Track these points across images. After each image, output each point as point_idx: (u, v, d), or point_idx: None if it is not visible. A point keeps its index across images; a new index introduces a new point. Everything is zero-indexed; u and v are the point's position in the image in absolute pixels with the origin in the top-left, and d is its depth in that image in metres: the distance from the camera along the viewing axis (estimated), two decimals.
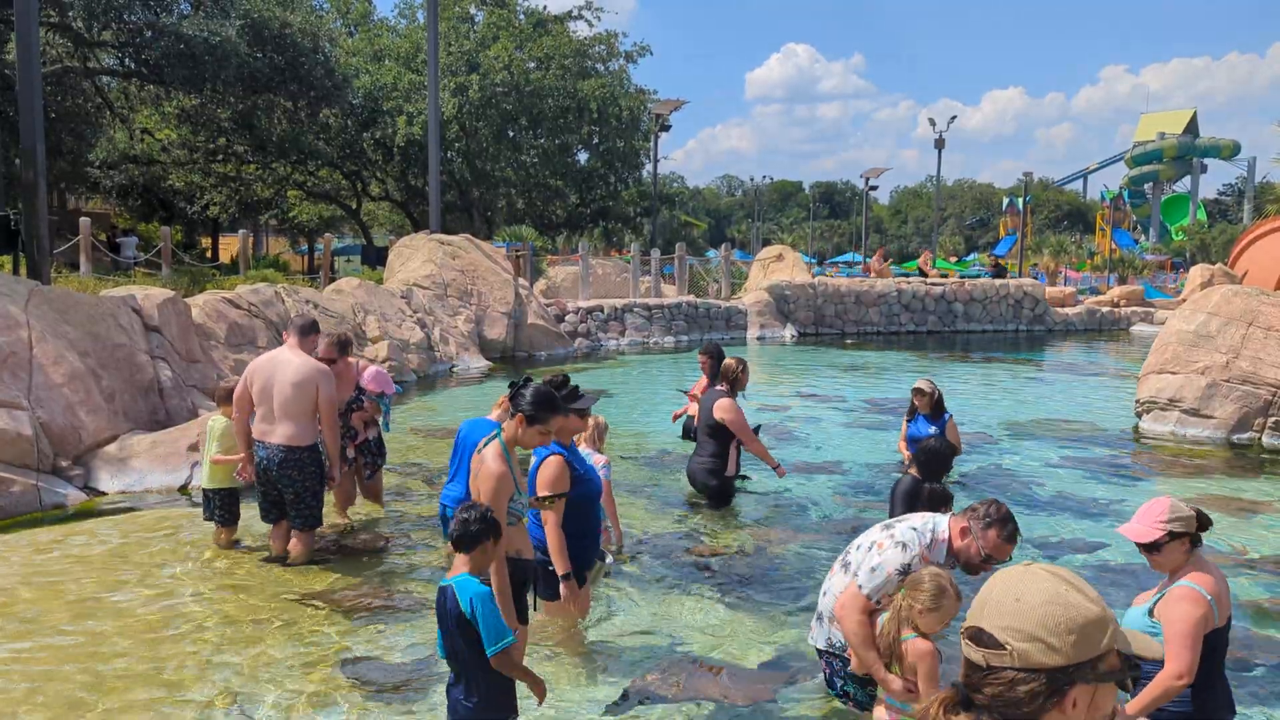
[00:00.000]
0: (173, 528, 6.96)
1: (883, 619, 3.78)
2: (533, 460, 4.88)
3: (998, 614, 1.50)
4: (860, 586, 3.88)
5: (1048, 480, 9.14)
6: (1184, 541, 3.59)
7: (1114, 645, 1.49)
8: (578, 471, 4.83)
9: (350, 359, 7.26)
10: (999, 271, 33.28)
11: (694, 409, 9.28)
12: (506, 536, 4.01)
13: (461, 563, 3.49)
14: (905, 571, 3.82)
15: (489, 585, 3.53)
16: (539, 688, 3.51)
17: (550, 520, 4.62)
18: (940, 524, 3.98)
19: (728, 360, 8.16)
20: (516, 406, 4.15)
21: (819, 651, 4.28)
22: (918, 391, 8.43)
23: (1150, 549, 3.54)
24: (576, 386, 5.23)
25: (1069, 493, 8.66)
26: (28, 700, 4.27)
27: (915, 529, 3.94)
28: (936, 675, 3.60)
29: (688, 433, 9.98)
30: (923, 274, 29.27)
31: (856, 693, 4.09)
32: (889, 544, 3.91)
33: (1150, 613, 3.42)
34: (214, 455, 6.41)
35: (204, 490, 6.58)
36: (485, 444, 4.15)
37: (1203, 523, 3.63)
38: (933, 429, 8.27)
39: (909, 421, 8.61)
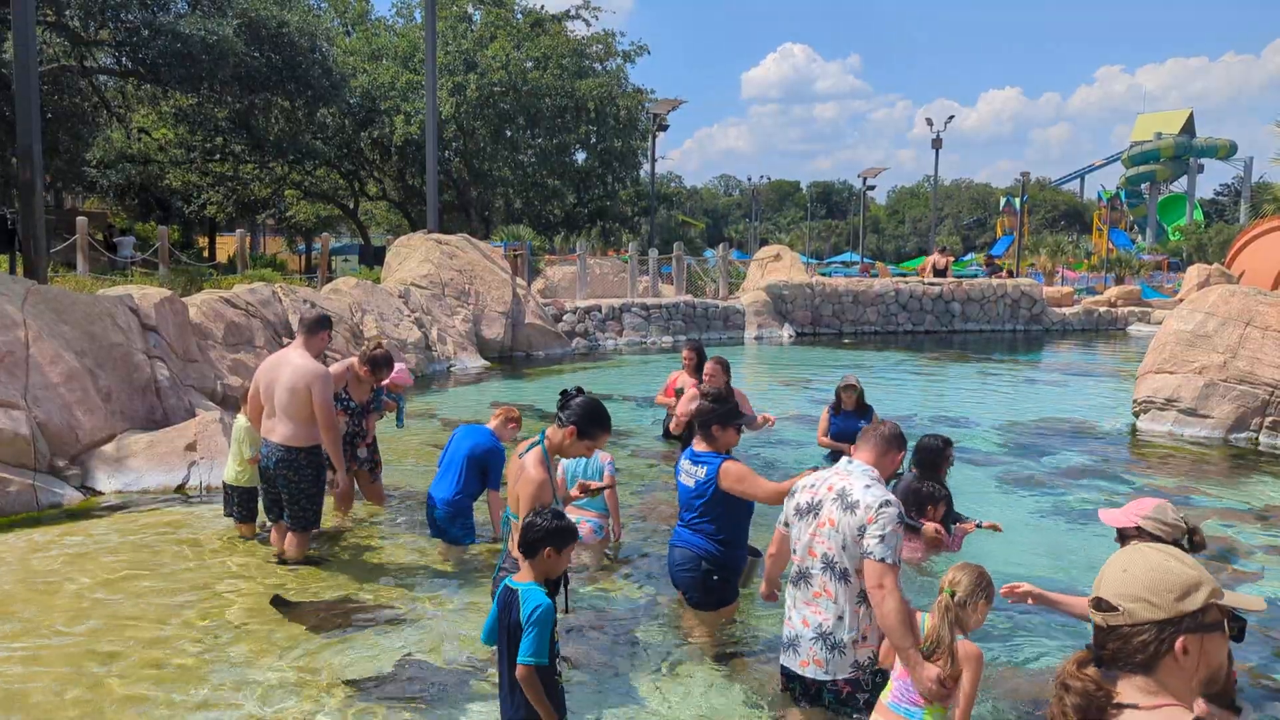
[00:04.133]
0: (169, 527, 6.95)
1: (923, 621, 3.65)
2: (702, 470, 4.97)
3: (1110, 584, 1.86)
4: (884, 559, 3.63)
5: (1044, 480, 9.15)
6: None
7: (1212, 601, 1.79)
8: None
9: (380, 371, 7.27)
10: (993, 269, 33.22)
11: (668, 400, 9.45)
12: None
13: (526, 569, 3.56)
14: (903, 518, 3.75)
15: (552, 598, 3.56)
16: None
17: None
18: (865, 468, 3.91)
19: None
20: (567, 419, 4.10)
21: (834, 682, 3.89)
22: (848, 388, 8.60)
23: (1120, 537, 3.78)
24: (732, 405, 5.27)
25: (1065, 492, 8.67)
26: (24, 700, 4.26)
27: (868, 486, 3.79)
28: (979, 679, 3.53)
29: (667, 432, 10.00)
30: (939, 273, 29.16)
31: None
32: (874, 508, 3.70)
33: None
34: (249, 456, 6.51)
35: (226, 485, 6.71)
36: (527, 449, 4.10)
37: (1193, 542, 3.66)
38: (862, 423, 8.37)
39: (832, 416, 8.73)
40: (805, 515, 3.96)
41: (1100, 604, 1.85)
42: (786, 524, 4.15)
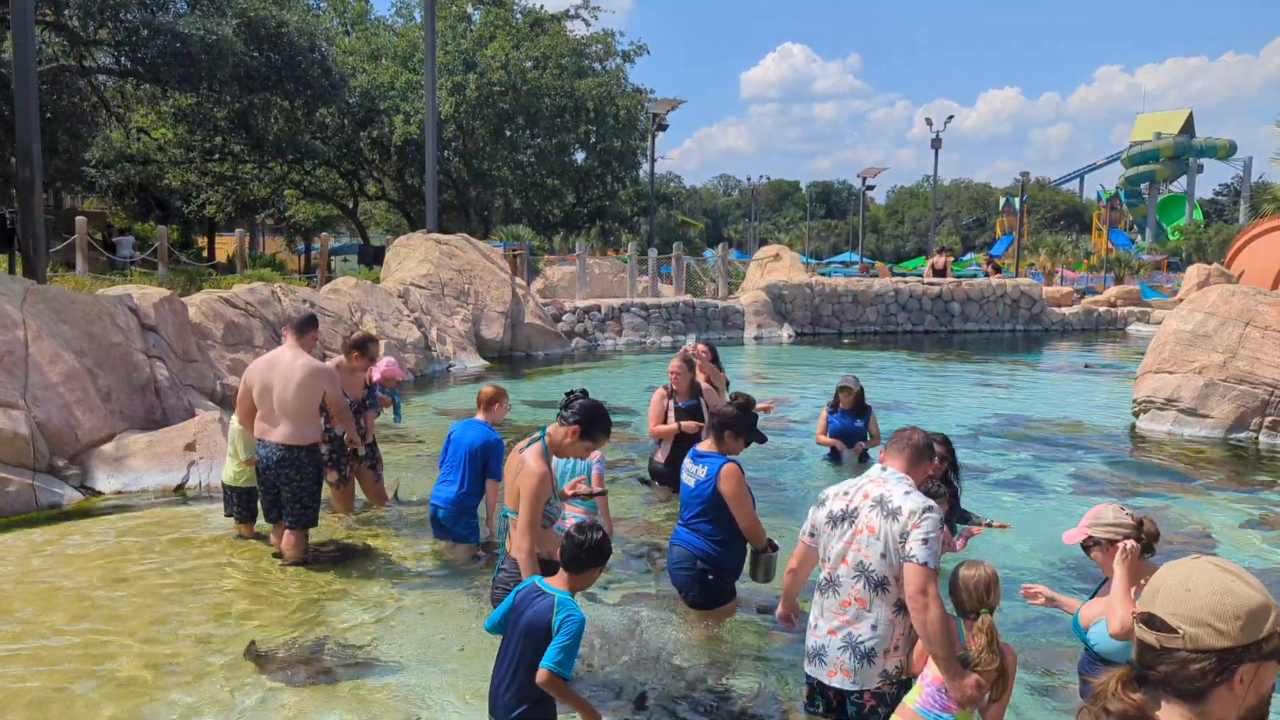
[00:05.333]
0: (168, 527, 6.95)
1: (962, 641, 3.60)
2: (702, 470, 5.00)
3: (1169, 602, 1.67)
4: (926, 563, 3.54)
5: (1043, 480, 9.14)
6: (1109, 551, 3.66)
7: (1277, 628, 1.64)
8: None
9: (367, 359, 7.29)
10: (993, 267, 33.26)
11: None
12: (540, 538, 4.00)
13: (561, 577, 3.56)
14: (941, 523, 3.71)
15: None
16: (593, 716, 3.53)
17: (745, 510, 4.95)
18: (900, 475, 3.84)
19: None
20: (570, 418, 4.11)
21: (859, 694, 3.74)
22: (844, 389, 8.79)
23: (1084, 549, 3.80)
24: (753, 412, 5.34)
25: (1064, 492, 8.67)
26: (24, 699, 4.26)
27: (908, 493, 3.72)
28: (1014, 673, 3.58)
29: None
30: (938, 273, 29.06)
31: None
32: (918, 514, 3.62)
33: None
34: (245, 458, 6.52)
35: (226, 486, 6.73)
36: (527, 445, 4.11)
37: (1146, 533, 3.67)
38: (858, 423, 8.87)
39: (830, 414, 8.96)
40: (839, 523, 3.81)
41: (1154, 622, 1.67)
42: (812, 534, 3.97)
